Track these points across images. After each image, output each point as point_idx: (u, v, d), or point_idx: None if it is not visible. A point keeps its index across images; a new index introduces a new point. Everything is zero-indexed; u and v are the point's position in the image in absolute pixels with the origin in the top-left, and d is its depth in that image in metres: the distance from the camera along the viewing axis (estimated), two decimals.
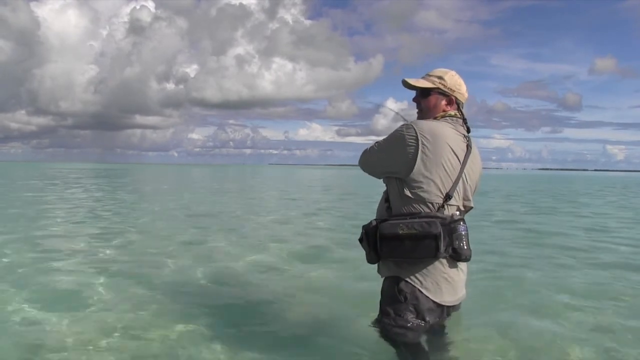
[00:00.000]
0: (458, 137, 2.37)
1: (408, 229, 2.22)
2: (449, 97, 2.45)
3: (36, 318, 3.31)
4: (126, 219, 9.38)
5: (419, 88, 2.49)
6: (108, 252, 5.84)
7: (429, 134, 2.28)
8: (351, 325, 3.22)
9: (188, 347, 2.85)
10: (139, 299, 3.80)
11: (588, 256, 6.04)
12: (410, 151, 2.28)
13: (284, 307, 3.70)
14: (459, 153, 2.34)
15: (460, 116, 2.45)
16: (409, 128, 2.31)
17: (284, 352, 2.82)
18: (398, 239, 2.24)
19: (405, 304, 2.32)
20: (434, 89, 2.46)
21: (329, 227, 8.67)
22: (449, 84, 2.45)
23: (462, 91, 2.47)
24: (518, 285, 4.42)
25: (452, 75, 2.48)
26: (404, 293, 2.32)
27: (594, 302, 3.94)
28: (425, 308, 2.32)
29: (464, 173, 2.35)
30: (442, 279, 2.33)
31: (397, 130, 2.36)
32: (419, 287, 2.31)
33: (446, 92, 2.45)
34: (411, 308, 2.31)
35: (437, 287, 2.32)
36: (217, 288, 4.31)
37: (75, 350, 2.78)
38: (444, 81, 2.45)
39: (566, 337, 3.11)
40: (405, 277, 2.33)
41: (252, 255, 5.75)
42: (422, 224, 2.22)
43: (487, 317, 3.42)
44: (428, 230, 2.21)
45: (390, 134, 2.40)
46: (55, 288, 4.10)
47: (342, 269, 5.00)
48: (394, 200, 2.40)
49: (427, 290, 2.31)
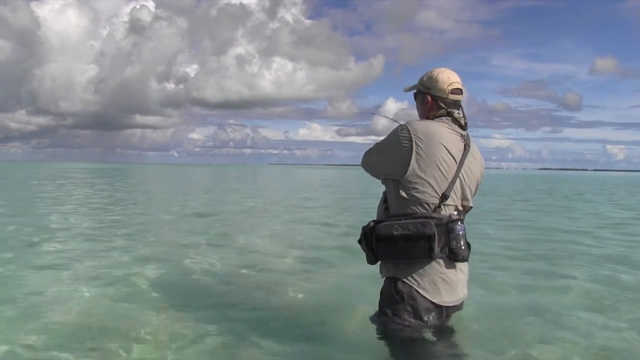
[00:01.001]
0: (454, 136, 2.37)
1: (403, 230, 2.25)
2: (426, 96, 2.50)
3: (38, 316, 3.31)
4: (157, 219, 9.49)
5: (409, 91, 2.63)
6: (144, 249, 5.96)
7: (423, 134, 2.29)
8: (354, 324, 3.21)
9: (189, 345, 2.84)
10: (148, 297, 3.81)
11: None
12: (404, 152, 2.30)
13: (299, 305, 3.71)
14: (455, 153, 2.34)
15: (446, 114, 2.43)
16: (402, 129, 2.35)
17: (284, 352, 2.80)
18: (393, 239, 2.27)
19: (402, 304, 2.33)
20: (417, 91, 2.57)
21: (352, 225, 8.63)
22: (425, 83, 2.51)
23: (440, 86, 2.46)
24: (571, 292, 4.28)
25: (432, 73, 2.51)
26: (401, 293, 2.33)
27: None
28: (423, 308, 2.32)
29: (461, 173, 2.35)
30: (440, 279, 2.33)
31: (393, 131, 2.40)
32: (415, 287, 2.31)
33: (422, 90, 2.52)
34: (408, 308, 2.32)
35: (434, 288, 2.32)
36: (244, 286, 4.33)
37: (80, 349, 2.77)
38: (423, 81, 2.53)
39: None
40: (402, 278, 2.34)
41: (281, 252, 5.93)
42: (416, 224, 2.24)
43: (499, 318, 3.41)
44: (422, 231, 2.23)
45: (386, 137, 2.45)
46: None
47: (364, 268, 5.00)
48: (391, 201, 2.41)
49: (424, 290, 2.31)
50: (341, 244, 6.55)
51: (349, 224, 8.54)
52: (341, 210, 12.20)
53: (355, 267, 4.77)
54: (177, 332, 3.06)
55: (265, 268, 5.07)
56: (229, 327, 3.16)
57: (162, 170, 70.64)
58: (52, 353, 2.72)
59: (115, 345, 2.82)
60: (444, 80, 2.46)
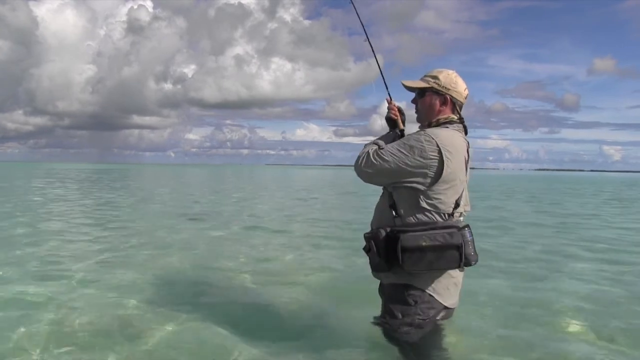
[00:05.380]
0: (465, 145, 2.39)
1: (431, 241, 2.21)
2: (443, 97, 2.42)
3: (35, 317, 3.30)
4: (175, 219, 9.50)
5: (415, 88, 2.49)
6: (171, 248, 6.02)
7: (451, 147, 2.27)
8: (355, 324, 3.22)
9: (190, 343, 2.85)
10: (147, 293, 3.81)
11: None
12: (434, 164, 2.26)
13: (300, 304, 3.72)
14: (466, 161, 2.38)
15: (457, 119, 2.42)
16: (428, 141, 2.26)
17: (285, 352, 2.80)
18: (421, 250, 2.21)
19: (414, 307, 2.32)
20: (428, 89, 2.44)
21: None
22: (442, 83, 2.42)
23: (459, 90, 2.43)
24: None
25: (448, 74, 2.45)
26: (415, 297, 2.32)
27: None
28: (435, 311, 2.34)
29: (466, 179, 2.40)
30: (452, 283, 2.37)
31: (416, 140, 2.29)
32: (430, 292, 2.32)
33: (440, 91, 2.42)
34: (419, 311, 2.32)
35: (447, 292, 2.35)
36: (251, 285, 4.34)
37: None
38: (438, 80, 2.43)
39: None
40: (417, 285, 2.32)
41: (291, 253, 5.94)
42: (444, 235, 2.22)
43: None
44: (450, 242, 2.22)
45: (408, 144, 2.29)
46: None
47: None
48: (404, 209, 2.33)
49: (438, 294, 2.33)
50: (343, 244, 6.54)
51: (347, 222, 8.54)
52: (345, 210, 12.22)
53: (353, 268, 4.78)
54: (172, 331, 3.06)
55: (265, 268, 5.07)
56: (229, 327, 3.16)
57: (166, 170, 70.30)
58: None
59: (106, 346, 2.82)
60: (462, 85, 2.44)
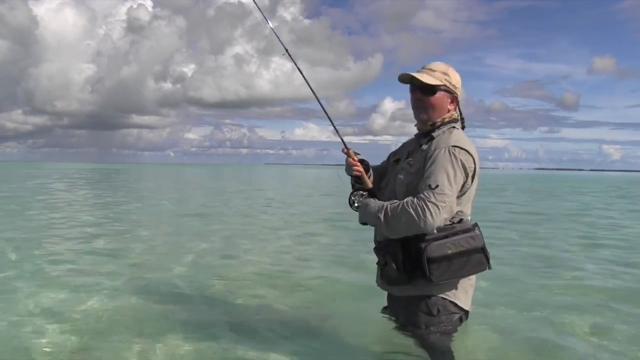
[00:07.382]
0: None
1: (456, 248, 2.13)
2: (452, 95, 2.31)
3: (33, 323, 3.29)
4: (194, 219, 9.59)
5: (428, 85, 2.27)
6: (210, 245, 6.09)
7: (478, 158, 2.23)
8: (356, 324, 3.23)
9: (190, 343, 2.84)
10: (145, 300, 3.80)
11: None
12: (469, 179, 2.22)
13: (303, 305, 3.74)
14: None
15: (458, 117, 2.36)
16: (468, 159, 2.18)
17: (285, 352, 2.79)
18: (448, 259, 2.13)
19: (437, 317, 2.28)
20: (441, 86, 2.28)
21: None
22: (453, 81, 2.31)
23: (460, 87, 2.35)
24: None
25: (453, 70, 2.34)
26: (437, 306, 2.28)
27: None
28: (458, 316, 2.32)
29: None
30: (470, 286, 2.35)
31: (457, 158, 2.16)
32: (451, 298, 2.28)
33: (451, 89, 2.30)
34: (444, 319, 2.29)
35: (465, 295, 2.33)
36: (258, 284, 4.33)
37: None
38: (449, 77, 2.29)
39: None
40: (437, 294, 2.27)
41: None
42: (467, 239, 2.16)
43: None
44: (474, 245, 2.17)
45: (451, 167, 2.14)
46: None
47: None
48: None
49: (458, 299, 2.30)
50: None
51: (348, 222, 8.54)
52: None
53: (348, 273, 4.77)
54: (173, 333, 3.06)
55: (266, 268, 5.06)
56: (229, 326, 3.17)
57: (168, 170, 70.13)
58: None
59: (107, 347, 2.82)
60: (460, 80, 2.34)
